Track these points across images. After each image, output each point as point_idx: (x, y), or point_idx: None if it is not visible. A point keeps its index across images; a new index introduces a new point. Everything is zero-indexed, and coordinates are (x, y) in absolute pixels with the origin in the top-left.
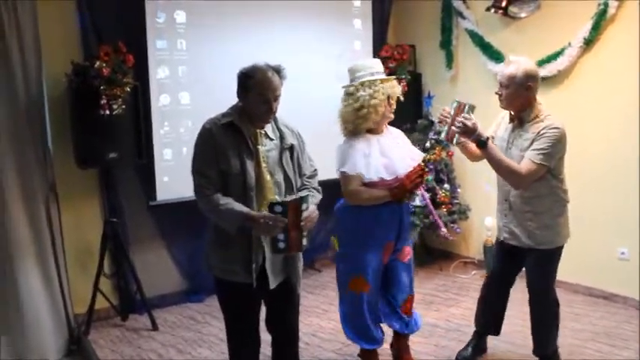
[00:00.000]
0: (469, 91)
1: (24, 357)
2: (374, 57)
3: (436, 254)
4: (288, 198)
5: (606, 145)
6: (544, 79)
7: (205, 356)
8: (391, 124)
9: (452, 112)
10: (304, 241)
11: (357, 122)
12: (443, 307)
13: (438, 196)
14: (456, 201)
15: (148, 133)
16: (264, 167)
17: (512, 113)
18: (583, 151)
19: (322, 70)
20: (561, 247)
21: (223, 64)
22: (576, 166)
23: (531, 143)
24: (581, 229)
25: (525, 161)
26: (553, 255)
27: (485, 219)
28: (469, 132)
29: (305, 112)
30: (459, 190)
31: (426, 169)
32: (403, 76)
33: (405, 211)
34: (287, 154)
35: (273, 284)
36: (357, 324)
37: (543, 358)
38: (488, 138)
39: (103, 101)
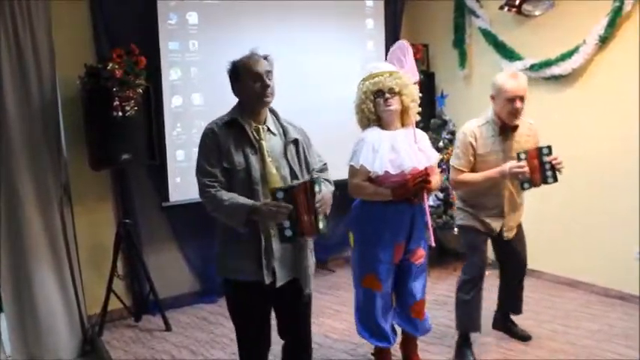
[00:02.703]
0: (482, 90)
1: (39, 357)
2: (386, 57)
3: (450, 255)
4: (294, 183)
5: (622, 144)
6: (558, 77)
7: (218, 357)
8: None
9: (523, 162)
10: (321, 225)
11: (358, 118)
12: None
13: (451, 196)
14: None
15: (161, 134)
16: (268, 161)
17: (507, 124)
18: (598, 150)
19: (336, 70)
20: None
21: None
22: (592, 166)
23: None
24: (598, 230)
25: None
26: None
27: None
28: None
29: (319, 111)
30: None
31: (439, 171)
32: None
33: (419, 213)
34: (291, 147)
35: (279, 282)
36: (369, 321)
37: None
38: None
39: (116, 103)
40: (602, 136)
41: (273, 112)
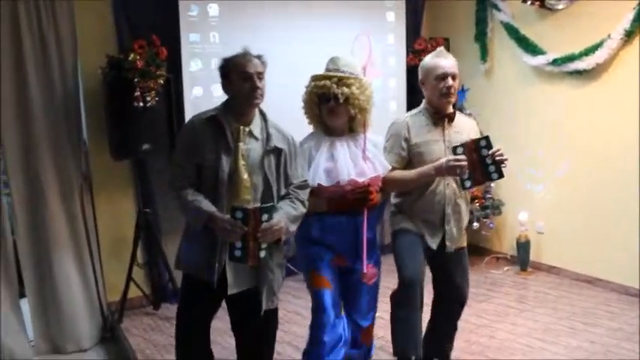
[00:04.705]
0: (503, 84)
1: (60, 344)
2: (407, 50)
3: (468, 250)
4: (252, 205)
5: None
6: (581, 72)
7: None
8: None
9: (461, 155)
10: (262, 254)
11: (307, 117)
12: (474, 303)
13: (471, 191)
14: (488, 195)
15: (181, 124)
16: (241, 165)
17: (442, 111)
18: (620, 146)
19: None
20: None
21: None
22: (613, 162)
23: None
24: (618, 227)
25: None
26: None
27: (519, 214)
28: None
29: None
30: (492, 184)
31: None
32: None
33: (364, 227)
34: (271, 157)
35: (231, 290)
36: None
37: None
38: None
39: (137, 93)
40: (625, 132)
41: (263, 115)
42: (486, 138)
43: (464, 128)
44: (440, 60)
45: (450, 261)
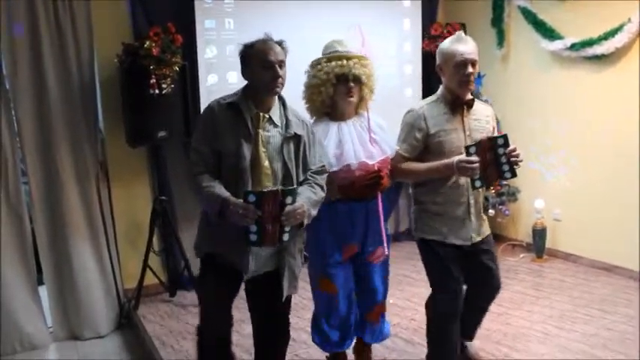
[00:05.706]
0: (520, 70)
1: (77, 330)
2: (423, 36)
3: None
4: (267, 188)
5: None
6: (600, 57)
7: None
8: None
9: (474, 157)
10: (285, 237)
11: (307, 105)
12: None
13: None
14: (504, 182)
15: (196, 111)
16: (262, 152)
17: (460, 98)
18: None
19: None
20: None
21: None
22: (632, 148)
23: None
24: (636, 214)
25: None
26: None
27: (535, 201)
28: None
29: None
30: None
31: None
32: None
33: (376, 212)
34: (290, 143)
35: (251, 273)
36: (327, 323)
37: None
38: None
39: (153, 81)
40: None
41: (282, 101)
42: (504, 137)
43: (482, 115)
44: (459, 45)
45: (479, 250)
